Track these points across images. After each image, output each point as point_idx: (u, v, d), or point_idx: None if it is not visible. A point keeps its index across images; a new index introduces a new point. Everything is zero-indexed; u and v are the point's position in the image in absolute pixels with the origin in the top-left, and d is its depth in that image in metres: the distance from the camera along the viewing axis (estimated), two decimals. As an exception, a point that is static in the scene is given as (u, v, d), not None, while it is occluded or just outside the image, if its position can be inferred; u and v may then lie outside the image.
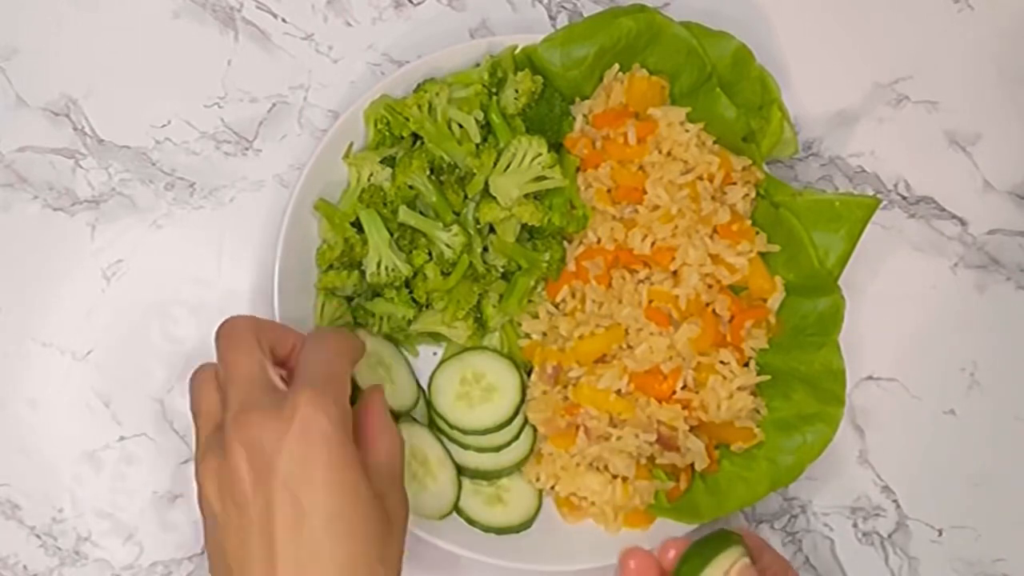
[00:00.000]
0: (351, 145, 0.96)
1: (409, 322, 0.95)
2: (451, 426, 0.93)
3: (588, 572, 0.94)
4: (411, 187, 0.94)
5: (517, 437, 0.94)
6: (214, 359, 0.98)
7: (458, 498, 0.93)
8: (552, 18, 1.05)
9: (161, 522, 0.97)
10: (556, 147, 0.96)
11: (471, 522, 0.93)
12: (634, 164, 0.95)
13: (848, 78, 1.06)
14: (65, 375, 0.98)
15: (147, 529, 0.97)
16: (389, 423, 0.83)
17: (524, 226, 0.95)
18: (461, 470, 0.94)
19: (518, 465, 0.95)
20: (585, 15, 1.00)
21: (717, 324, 0.94)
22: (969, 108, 1.06)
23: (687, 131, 0.95)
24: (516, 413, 0.94)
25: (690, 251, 0.93)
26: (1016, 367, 1.03)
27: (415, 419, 0.95)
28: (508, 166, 0.94)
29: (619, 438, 0.92)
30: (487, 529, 0.93)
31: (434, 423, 0.95)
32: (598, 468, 0.94)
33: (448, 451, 0.94)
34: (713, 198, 0.95)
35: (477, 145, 0.95)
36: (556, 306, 0.96)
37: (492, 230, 0.96)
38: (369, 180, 0.95)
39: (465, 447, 0.94)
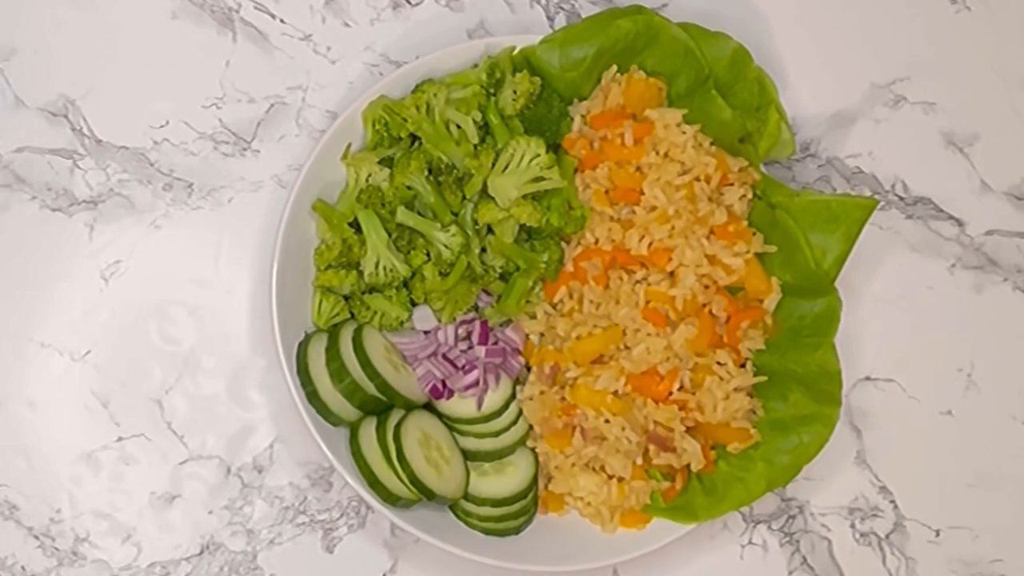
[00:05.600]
0: (349, 146, 0.96)
1: (402, 323, 0.95)
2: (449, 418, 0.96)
3: (585, 572, 0.95)
4: (409, 188, 0.94)
5: (514, 423, 0.96)
6: (212, 358, 0.99)
7: (467, 481, 0.94)
8: (550, 19, 1.05)
9: (159, 523, 0.97)
10: (554, 148, 0.96)
11: (472, 499, 0.95)
12: (631, 165, 0.95)
13: (846, 79, 1.06)
14: (63, 375, 0.99)
15: (145, 530, 0.97)
16: None
17: (522, 227, 0.95)
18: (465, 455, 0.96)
19: (515, 446, 0.96)
20: (583, 16, 1.00)
21: (714, 325, 0.94)
22: (966, 109, 1.06)
23: (684, 132, 0.95)
24: (505, 407, 0.96)
25: (687, 252, 0.93)
26: (1013, 368, 1.04)
27: (427, 409, 0.96)
28: (506, 167, 0.94)
29: (616, 438, 0.92)
30: (484, 502, 0.94)
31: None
32: (594, 468, 0.95)
33: (455, 438, 0.96)
34: (710, 199, 0.95)
35: (475, 146, 0.95)
36: (554, 307, 0.96)
37: (490, 231, 0.96)
38: (367, 181, 0.95)
39: (464, 434, 0.95)
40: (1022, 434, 1.03)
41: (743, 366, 0.95)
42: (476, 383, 0.94)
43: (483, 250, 0.96)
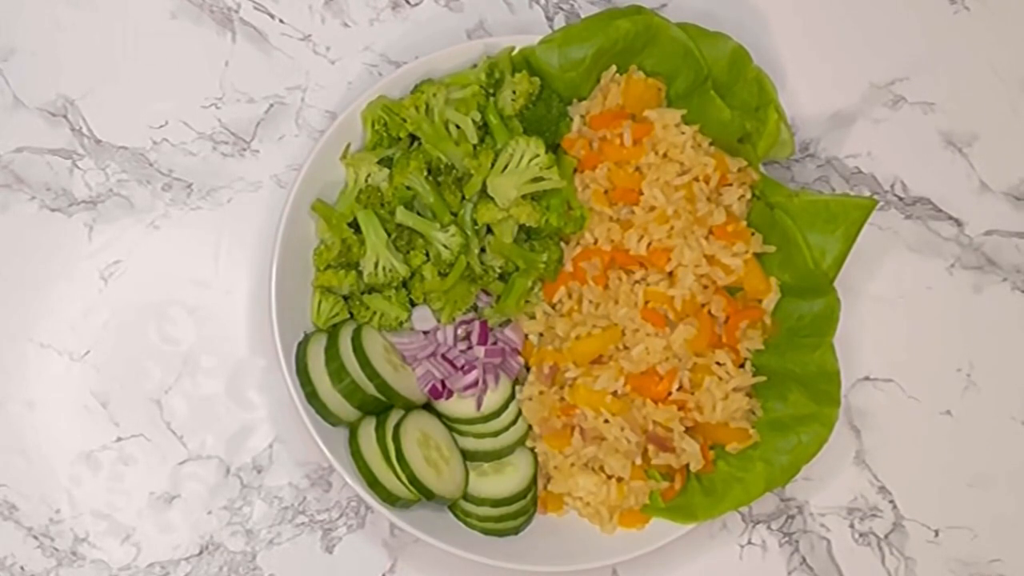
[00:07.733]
0: (348, 146, 0.96)
1: (401, 323, 0.95)
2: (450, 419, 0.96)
3: (584, 572, 0.95)
4: (408, 188, 0.94)
5: (514, 422, 0.96)
6: (211, 359, 0.99)
7: (467, 481, 0.94)
8: (549, 19, 1.05)
9: (158, 523, 0.97)
10: (553, 148, 0.96)
11: (471, 499, 0.95)
12: (630, 165, 0.95)
13: (845, 79, 1.06)
14: (63, 376, 0.99)
15: (144, 530, 0.97)
16: None
17: (521, 227, 0.95)
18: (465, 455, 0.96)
19: (515, 446, 0.96)
20: (582, 16, 1.00)
21: (713, 325, 0.94)
22: (965, 109, 1.06)
23: (683, 133, 0.95)
24: (505, 407, 0.96)
25: (686, 252, 0.93)
26: (1012, 368, 1.04)
27: (426, 409, 0.96)
28: (506, 167, 0.94)
29: (615, 438, 0.92)
30: (483, 502, 0.94)
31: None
32: (593, 468, 0.95)
33: (454, 438, 0.96)
34: (709, 199, 0.95)
35: (474, 146, 0.95)
36: (553, 307, 0.96)
37: (490, 231, 0.96)
38: (367, 181, 0.95)
39: (463, 434, 0.95)
40: (1021, 434, 1.03)
41: (742, 366, 0.95)
42: (475, 383, 0.94)
43: (482, 250, 0.96)
